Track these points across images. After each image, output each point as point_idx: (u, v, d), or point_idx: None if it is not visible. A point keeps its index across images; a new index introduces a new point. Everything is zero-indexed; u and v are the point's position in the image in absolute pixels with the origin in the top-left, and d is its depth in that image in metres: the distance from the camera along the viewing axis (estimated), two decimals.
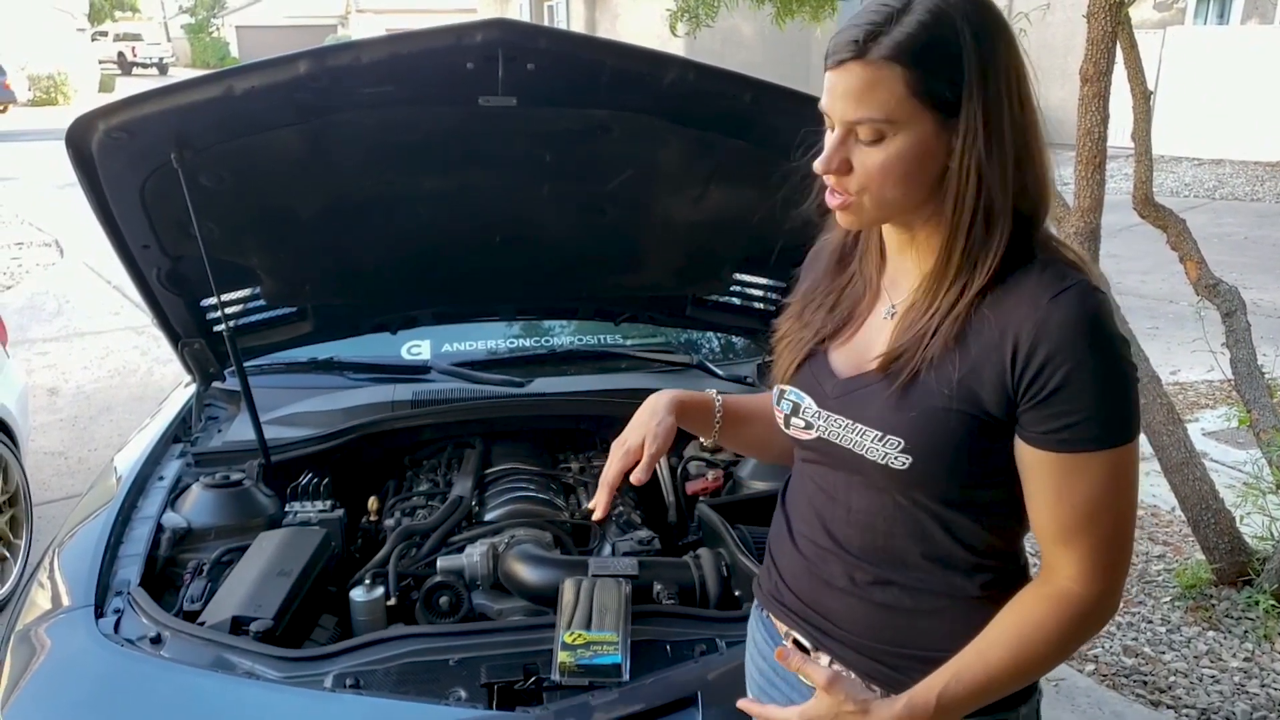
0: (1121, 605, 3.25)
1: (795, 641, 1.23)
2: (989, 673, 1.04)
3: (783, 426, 1.21)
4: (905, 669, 1.12)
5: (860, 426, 1.09)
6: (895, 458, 1.06)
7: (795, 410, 1.18)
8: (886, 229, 1.14)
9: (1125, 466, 1.02)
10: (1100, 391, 0.99)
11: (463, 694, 1.50)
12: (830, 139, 1.04)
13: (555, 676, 1.50)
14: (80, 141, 1.89)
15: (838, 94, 1.01)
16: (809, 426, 1.16)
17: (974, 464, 1.06)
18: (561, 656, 1.51)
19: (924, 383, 1.05)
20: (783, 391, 1.19)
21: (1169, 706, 2.78)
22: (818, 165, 1.05)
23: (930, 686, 1.05)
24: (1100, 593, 1.04)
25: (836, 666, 1.17)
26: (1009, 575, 1.13)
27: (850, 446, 1.11)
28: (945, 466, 1.06)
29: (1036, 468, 1.03)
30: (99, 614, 1.67)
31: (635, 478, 1.25)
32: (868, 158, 1.02)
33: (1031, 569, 1.16)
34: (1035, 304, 1.00)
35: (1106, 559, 1.04)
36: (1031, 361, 0.99)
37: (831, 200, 1.07)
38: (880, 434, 1.07)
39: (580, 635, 1.55)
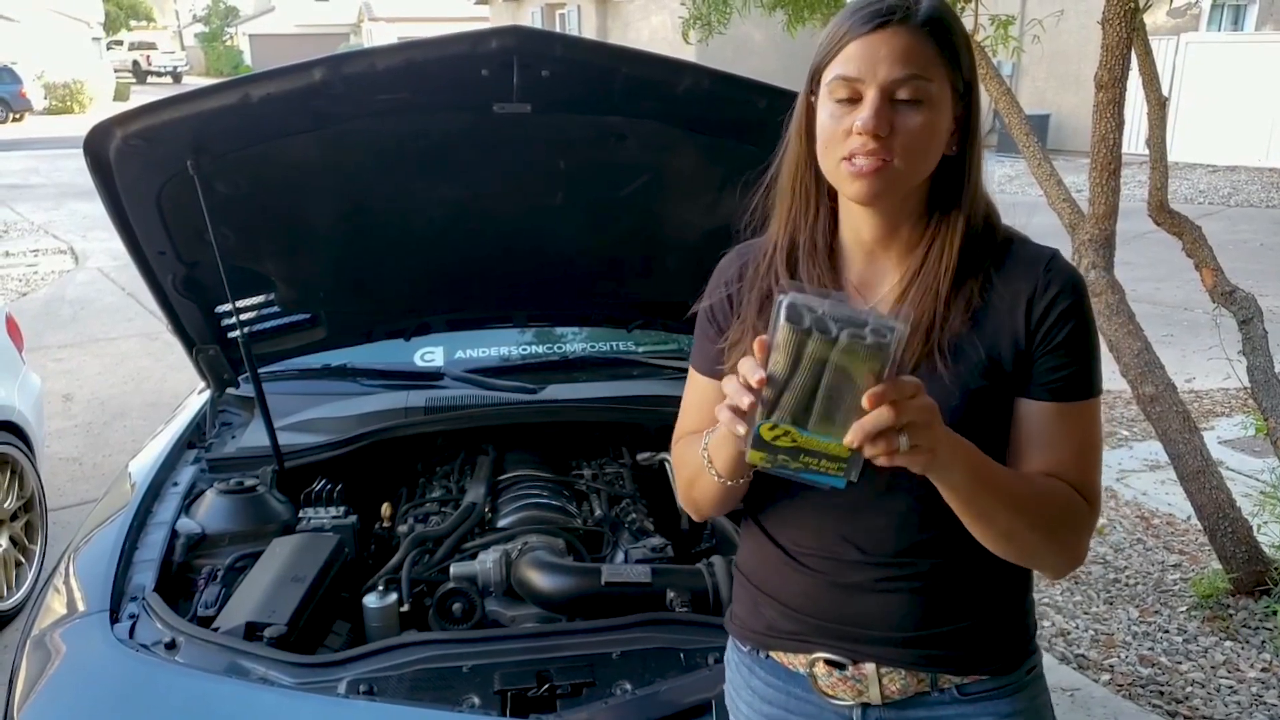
0: (1138, 614, 3.24)
1: (826, 662, 1.20)
2: (996, 470, 1.05)
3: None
4: (951, 645, 1.16)
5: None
6: None
7: None
8: (867, 224, 1.14)
9: (1099, 413, 1.15)
10: (1091, 345, 1.11)
11: (476, 701, 1.50)
12: (872, 103, 1.03)
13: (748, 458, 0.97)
14: (98, 148, 1.90)
15: (882, 55, 1.03)
16: None
17: (1004, 432, 1.12)
18: (753, 456, 0.96)
19: (949, 372, 1.08)
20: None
21: (1186, 717, 2.75)
22: (865, 125, 1.03)
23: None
24: (1093, 507, 1.13)
25: (883, 670, 1.17)
26: None
27: None
28: (989, 442, 1.09)
29: (1036, 420, 1.11)
30: (114, 619, 1.68)
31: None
32: (909, 120, 1.04)
33: None
34: (1034, 271, 1.11)
35: (1092, 488, 1.13)
36: (1049, 315, 1.09)
37: (866, 165, 1.05)
38: None
39: (787, 432, 0.94)
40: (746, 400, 0.94)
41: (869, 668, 1.18)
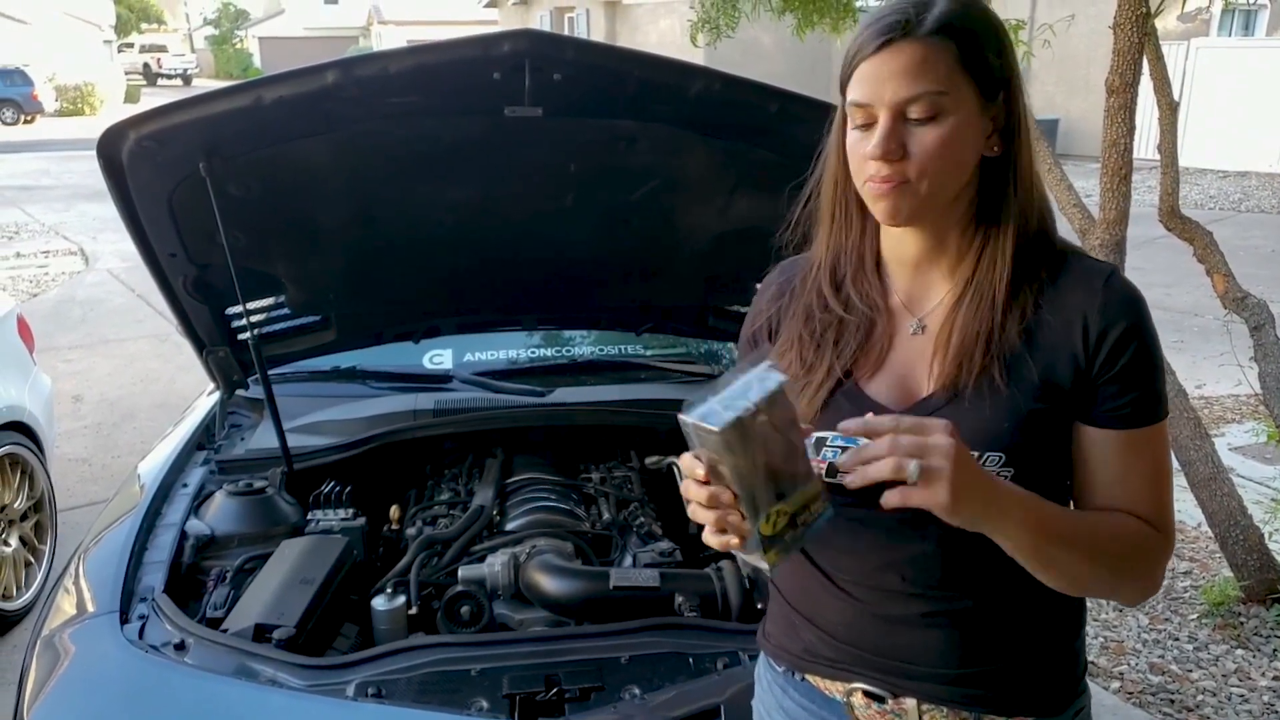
0: (1148, 622, 3.22)
1: (865, 693, 1.16)
2: (1052, 513, 1.02)
3: (825, 477, 1.05)
4: (998, 684, 1.11)
5: None
6: (996, 473, 1.03)
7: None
8: (911, 240, 1.11)
9: (1168, 434, 1.11)
10: (1157, 366, 1.07)
11: (484, 704, 1.50)
12: (882, 126, 1.01)
13: (764, 566, 0.98)
14: (111, 150, 1.91)
15: (886, 75, 1.00)
16: None
17: (1064, 455, 1.08)
18: (770, 558, 0.97)
19: (1005, 391, 1.04)
20: (823, 440, 1.03)
21: None
22: (873, 152, 1.01)
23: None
24: (1167, 538, 1.09)
25: (924, 707, 1.13)
26: None
27: None
28: (1046, 466, 1.07)
29: (1104, 449, 1.07)
30: (124, 620, 1.68)
31: None
32: (924, 137, 1.01)
33: None
34: (1090, 289, 1.06)
35: (1166, 516, 1.09)
36: (1106, 338, 1.04)
37: (880, 188, 1.03)
38: (977, 454, 1.02)
39: (780, 511, 0.97)
40: (735, 537, 0.94)
41: (909, 703, 1.13)
